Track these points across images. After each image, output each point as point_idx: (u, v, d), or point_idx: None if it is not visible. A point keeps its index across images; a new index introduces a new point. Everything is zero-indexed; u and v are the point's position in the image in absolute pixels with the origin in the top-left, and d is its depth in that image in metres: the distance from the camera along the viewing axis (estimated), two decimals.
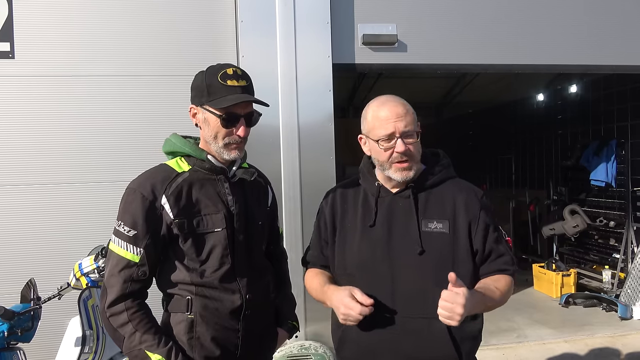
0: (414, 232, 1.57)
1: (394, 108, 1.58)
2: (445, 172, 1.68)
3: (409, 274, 1.56)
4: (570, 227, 6.12)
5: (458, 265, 1.57)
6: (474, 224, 1.60)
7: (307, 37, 3.69)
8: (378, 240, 1.60)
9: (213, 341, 1.59)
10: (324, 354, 3.47)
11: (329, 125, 3.75)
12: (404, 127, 1.55)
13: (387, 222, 1.61)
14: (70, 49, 3.47)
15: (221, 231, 1.59)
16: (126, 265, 1.52)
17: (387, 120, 1.56)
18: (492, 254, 1.62)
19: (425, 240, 1.57)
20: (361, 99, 7.59)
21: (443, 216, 1.60)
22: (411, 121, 1.57)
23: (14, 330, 2.28)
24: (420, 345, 1.54)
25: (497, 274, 1.62)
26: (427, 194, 1.64)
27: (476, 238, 1.60)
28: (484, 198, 1.66)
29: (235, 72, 1.56)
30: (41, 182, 3.42)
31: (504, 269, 1.63)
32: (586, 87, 6.53)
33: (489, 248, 1.61)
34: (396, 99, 1.63)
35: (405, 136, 1.56)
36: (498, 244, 1.63)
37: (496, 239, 1.63)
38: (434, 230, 1.58)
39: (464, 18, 4.01)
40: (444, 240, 1.58)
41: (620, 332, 4.59)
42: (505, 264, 1.63)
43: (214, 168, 1.63)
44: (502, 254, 1.63)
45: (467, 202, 1.62)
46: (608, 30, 4.22)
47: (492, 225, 1.62)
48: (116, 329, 1.51)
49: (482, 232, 1.60)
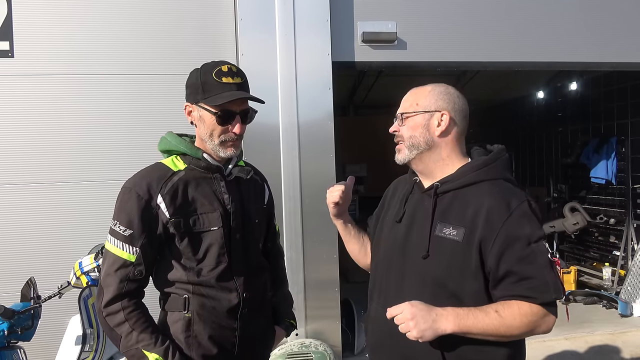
0: (426, 235, 1.47)
1: (408, 92, 1.59)
2: (483, 172, 1.47)
3: (413, 277, 1.49)
4: (571, 224, 6.12)
5: (465, 278, 1.41)
6: (490, 237, 1.37)
7: (307, 35, 3.69)
8: (398, 238, 1.56)
9: (210, 340, 1.59)
10: (324, 352, 3.48)
11: (328, 123, 3.75)
12: (401, 109, 1.56)
13: (410, 221, 1.55)
14: (69, 48, 3.46)
15: (217, 230, 1.59)
16: (122, 265, 1.52)
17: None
18: (509, 276, 1.36)
19: (434, 245, 1.45)
20: (361, 98, 7.58)
21: (461, 223, 1.42)
22: (409, 105, 1.55)
23: (14, 329, 2.28)
24: (413, 349, 1.47)
25: (515, 299, 1.36)
26: (453, 195, 1.48)
27: (491, 254, 1.37)
28: (521, 207, 1.39)
29: (230, 69, 1.56)
30: (40, 180, 3.42)
31: (528, 296, 1.34)
32: (586, 85, 6.52)
33: (506, 268, 1.36)
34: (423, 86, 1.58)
35: (402, 118, 1.54)
36: (525, 264, 1.35)
37: (523, 258, 1.35)
38: (447, 237, 1.43)
39: (464, 15, 4.01)
40: (454, 249, 1.41)
41: (620, 330, 4.59)
42: (531, 290, 1.34)
43: (210, 166, 1.62)
44: (527, 277, 1.34)
45: (490, 210, 1.39)
46: (608, 27, 4.21)
47: (522, 240, 1.36)
48: (113, 329, 1.51)
49: (499, 247, 1.36)
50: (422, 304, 1.36)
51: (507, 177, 1.51)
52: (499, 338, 1.37)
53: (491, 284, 1.40)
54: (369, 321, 1.67)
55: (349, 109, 8.35)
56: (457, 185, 1.48)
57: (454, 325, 1.34)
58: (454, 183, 1.48)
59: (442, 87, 1.56)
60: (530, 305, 1.35)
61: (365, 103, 7.94)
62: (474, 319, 1.34)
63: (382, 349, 1.58)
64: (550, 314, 1.37)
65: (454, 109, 1.52)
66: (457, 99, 1.54)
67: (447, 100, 1.52)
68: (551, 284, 1.35)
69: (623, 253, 5.69)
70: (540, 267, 1.36)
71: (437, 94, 1.53)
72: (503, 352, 1.43)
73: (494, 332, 1.35)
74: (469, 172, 1.48)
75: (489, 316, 1.34)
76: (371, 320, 1.65)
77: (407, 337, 1.34)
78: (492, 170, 1.49)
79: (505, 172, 1.53)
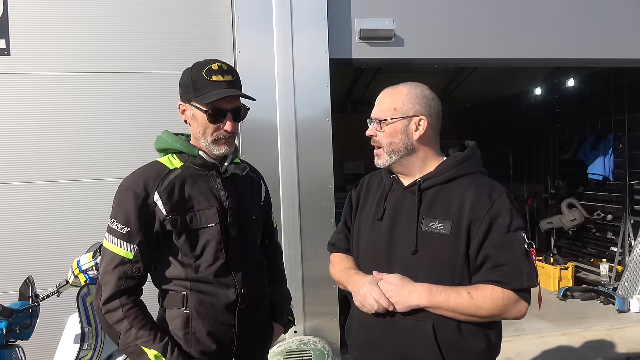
0: (412, 231, 1.50)
1: (383, 94, 1.59)
2: (461, 168, 1.54)
3: (404, 273, 1.50)
4: (568, 221, 6.14)
5: (456, 270, 1.46)
6: (477, 222, 1.44)
7: (304, 32, 3.68)
8: (382, 236, 1.56)
9: (209, 336, 1.60)
10: (323, 349, 3.48)
11: (326, 120, 3.75)
12: (376, 114, 1.56)
13: (393, 218, 1.56)
14: (65, 46, 3.45)
15: (215, 226, 1.60)
16: (120, 263, 1.53)
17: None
18: (487, 262, 1.43)
19: (422, 240, 1.48)
20: (359, 95, 7.58)
21: (447, 216, 1.47)
22: (387, 109, 1.54)
23: (13, 328, 2.28)
24: (410, 346, 1.51)
25: (490, 284, 1.43)
26: (437, 191, 1.52)
27: (474, 242, 1.44)
28: (502, 198, 1.47)
29: (220, 67, 1.57)
30: (38, 179, 3.41)
31: (501, 282, 1.41)
32: (584, 81, 6.53)
33: (484, 255, 1.43)
34: (398, 86, 1.59)
35: (378, 122, 1.54)
36: (501, 251, 1.42)
37: (501, 245, 1.42)
38: (435, 231, 1.47)
39: (461, 12, 4.00)
40: (442, 242, 1.46)
41: (617, 325, 4.61)
42: (504, 277, 1.41)
43: (206, 164, 1.63)
44: (502, 264, 1.41)
45: (474, 201, 1.46)
46: (606, 24, 4.21)
47: (501, 228, 1.43)
48: (112, 326, 1.52)
49: (481, 235, 1.43)
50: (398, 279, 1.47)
51: (483, 171, 1.59)
52: (468, 318, 1.45)
53: (472, 271, 1.47)
54: (354, 322, 1.66)
55: (346, 106, 8.35)
56: (439, 181, 1.53)
57: (426, 301, 1.44)
58: (437, 179, 1.54)
59: (418, 90, 1.57)
60: (502, 290, 1.42)
61: (363, 100, 7.94)
62: (446, 297, 1.43)
63: (377, 349, 1.58)
64: (522, 300, 1.44)
65: (430, 112, 1.56)
66: (433, 101, 1.58)
67: (424, 104, 1.55)
68: (525, 272, 1.42)
69: (620, 249, 5.71)
70: (515, 255, 1.43)
71: (414, 97, 1.54)
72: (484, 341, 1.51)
73: (464, 311, 1.43)
74: (450, 168, 1.54)
75: (461, 297, 1.42)
76: (357, 322, 1.64)
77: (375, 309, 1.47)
78: (471, 165, 1.56)
79: (481, 167, 1.60)
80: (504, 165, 8.60)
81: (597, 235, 6.31)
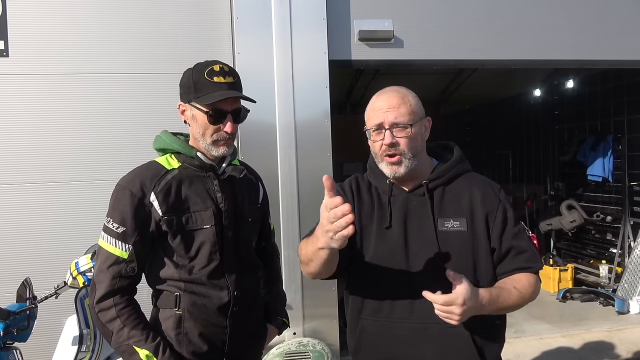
0: (431, 233, 1.47)
1: (388, 98, 1.48)
2: (459, 167, 1.57)
3: (428, 277, 1.43)
4: (568, 222, 6.13)
5: (479, 264, 1.48)
6: (491, 219, 1.49)
7: (303, 33, 3.68)
8: (395, 243, 1.49)
9: (200, 337, 1.61)
10: (322, 351, 3.47)
11: (325, 121, 3.74)
12: (394, 119, 1.44)
13: (403, 224, 1.50)
14: (64, 47, 3.45)
15: (210, 228, 1.60)
16: (115, 262, 1.53)
17: (379, 111, 1.47)
18: (511, 251, 1.50)
19: (443, 240, 1.47)
20: (358, 96, 7.58)
21: (460, 213, 1.49)
22: (406, 112, 1.45)
23: (10, 330, 2.27)
24: (443, 352, 1.46)
25: (518, 272, 1.49)
26: (441, 191, 1.53)
27: (493, 234, 1.49)
28: (502, 192, 1.56)
29: (222, 68, 1.57)
30: (36, 180, 3.41)
31: (527, 267, 1.49)
32: (583, 82, 6.53)
33: (507, 245, 1.49)
34: (397, 89, 1.52)
35: (396, 128, 1.45)
36: (519, 239, 1.50)
37: (516, 234, 1.50)
38: (451, 230, 1.48)
39: (461, 13, 4.00)
40: (462, 240, 1.47)
41: (617, 327, 4.61)
42: (528, 262, 1.50)
43: (204, 165, 1.63)
44: (523, 250, 1.50)
45: (483, 196, 1.51)
46: (605, 25, 4.21)
47: (511, 220, 1.51)
48: (105, 324, 1.53)
49: (499, 226, 1.49)
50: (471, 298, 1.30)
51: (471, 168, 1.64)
52: (514, 309, 1.48)
53: (496, 260, 1.51)
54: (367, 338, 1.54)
55: (346, 107, 8.35)
56: (444, 181, 1.55)
57: (490, 310, 1.41)
58: (442, 179, 1.54)
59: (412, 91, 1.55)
60: (530, 275, 1.50)
61: (362, 102, 7.94)
62: (503, 299, 1.42)
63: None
64: (539, 281, 1.55)
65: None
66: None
67: (421, 104, 1.55)
68: (538, 255, 1.54)
69: (620, 250, 5.70)
70: (528, 241, 1.53)
71: (416, 98, 1.53)
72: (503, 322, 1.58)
73: (515, 306, 1.46)
74: (451, 168, 1.57)
75: (512, 294, 1.44)
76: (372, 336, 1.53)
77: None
78: (465, 164, 1.61)
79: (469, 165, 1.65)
80: (503, 166, 8.61)
81: (596, 236, 6.31)
